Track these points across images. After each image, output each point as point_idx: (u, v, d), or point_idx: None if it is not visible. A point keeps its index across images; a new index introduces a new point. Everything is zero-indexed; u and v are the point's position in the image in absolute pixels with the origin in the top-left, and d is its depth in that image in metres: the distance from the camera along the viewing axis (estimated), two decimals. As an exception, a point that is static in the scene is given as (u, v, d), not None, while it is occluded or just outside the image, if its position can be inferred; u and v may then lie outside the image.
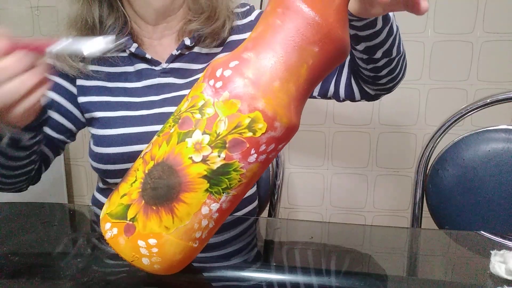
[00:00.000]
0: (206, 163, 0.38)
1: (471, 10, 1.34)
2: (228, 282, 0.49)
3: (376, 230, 0.69)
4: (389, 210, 1.55)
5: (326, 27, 0.38)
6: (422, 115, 1.44)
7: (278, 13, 0.39)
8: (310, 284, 0.47)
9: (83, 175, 1.72)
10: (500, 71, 1.37)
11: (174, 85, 0.74)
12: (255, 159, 0.39)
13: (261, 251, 0.57)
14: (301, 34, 0.38)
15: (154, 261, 0.41)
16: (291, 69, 0.39)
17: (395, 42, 0.64)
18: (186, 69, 0.75)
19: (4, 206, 0.70)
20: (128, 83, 0.74)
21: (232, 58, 0.40)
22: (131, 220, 0.40)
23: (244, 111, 0.37)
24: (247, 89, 0.37)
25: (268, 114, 0.38)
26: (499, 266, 0.47)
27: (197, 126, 0.38)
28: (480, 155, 0.87)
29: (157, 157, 0.40)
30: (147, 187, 0.40)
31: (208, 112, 0.38)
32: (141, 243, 0.40)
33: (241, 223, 0.65)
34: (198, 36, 0.73)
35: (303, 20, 0.38)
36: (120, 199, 0.41)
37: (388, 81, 0.70)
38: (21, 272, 0.48)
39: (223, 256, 0.54)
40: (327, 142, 1.50)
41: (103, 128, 0.71)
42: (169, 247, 0.40)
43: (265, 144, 0.39)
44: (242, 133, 0.38)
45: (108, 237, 0.41)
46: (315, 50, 0.39)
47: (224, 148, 0.38)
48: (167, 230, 0.39)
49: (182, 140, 0.39)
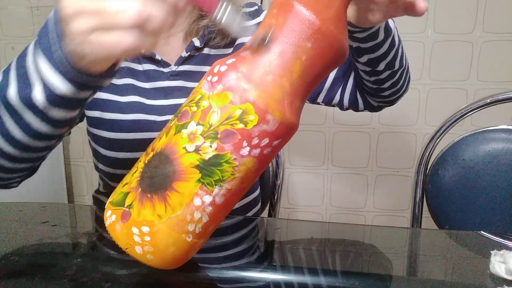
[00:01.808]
0: (199, 153, 0.39)
1: (471, 10, 1.34)
2: (228, 282, 0.49)
3: (376, 230, 0.69)
4: (389, 210, 1.55)
5: (318, 22, 0.40)
6: (422, 115, 1.44)
7: (274, 13, 0.41)
8: (310, 284, 0.47)
9: (83, 175, 1.72)
10: (500, 71, 1.37)
11: (183, 89, 0.72)
12: (248, 152, 0.40)
13: (261, 251, 0.57)
14: (293, 29, 0.40)
15: (146, 250, 0.41)
16: (284, 64, 0.40)
17: (398, 54, 0.64)
18: (196, 72, 0.73)
19: (4, 206, 0.70)
20: (136, 81, 0.71)
21: (231, 57, 0.42)
22: (127, 207, 0.41)
23: (236, 103, 0.38)
24: (239, 82, 0.39)
25: (259, 106, 0.38)
26: (499, 266, 0.47)
27: (193, 117, 0.40)
28: (480, 155, 0.87)
29: (157, 148, 0.42)
30: (145, 175, 0.41)
31: (203, 104, 0.40)
32: (135, 230, 0.40)
33: (244, 224, 0.65)
34: (207, 36, 0.72)
35: (295, 16, 0.40)
36: (122, 188, 0.43)
37: (391, 93, 0.71)
38: (21, 272, 0.48)
39: (225, 258, 0.54)
40: (327, 142, 1.50)
41: (114, 132, 0.70)
42: (161, 237, 0.41)
43: (258, 137, 0.39)
44: (234, 124, 0.39)
45: (107, 223, 0.42)
46: (308, 45, 0.40)
47: (216, 138, 0.39)
48: (160, 218, 0.40)
49: (178, 131, 0.40)
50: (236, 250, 0.55)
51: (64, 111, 0.46)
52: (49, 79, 0.43)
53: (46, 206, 0.73)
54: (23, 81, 0.45)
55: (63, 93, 0.43)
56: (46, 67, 0.43)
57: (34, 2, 1.57)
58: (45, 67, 0.43)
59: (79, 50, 0.38)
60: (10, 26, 1.61)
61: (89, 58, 0.39)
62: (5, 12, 1.60)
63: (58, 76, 0.42)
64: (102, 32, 0.36)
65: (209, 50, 0.74)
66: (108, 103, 0.70)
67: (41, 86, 0.44)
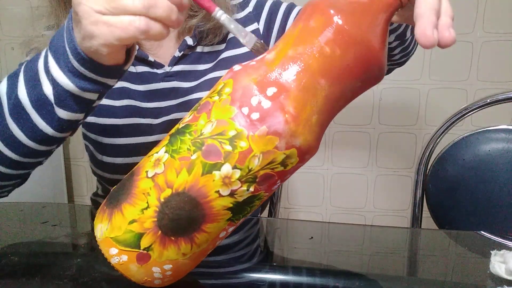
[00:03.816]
0: (234, 196, 0.36)
1: (471, 10, 1.34)
2: (228, 282, 0.49)
3: (376, 230, 0.69)
4: (389, 210, 1.55)
5: (373, 60, 0.36)
6: (422, 115, 1.44)
7: (328, 38, 0.35)
8: (310, 284, 0.47)
9: (83, 175, 1.72)
10: (500, 71, 1.37)
11: (179, 89, 0.70)
12: (277, 186, 0.39)
13: (261, 251, 0.57)
14: (350, 68, 0.35)
15: (166, 281, 0.41)
16: (330, 103, 0.37)
17: (409, 25, 0.63)
18: (190, 71, 0.71)
19: (4, 206, 0.70)
20: (130, 84, 0.70)
21: (268, 83, 0.35)
22: (145, 249, 0.38)
23: (281, 148, 0.35)
24: (287, 126, 0.35)
25: (303, 150, 0.36)
26: (499, 266, 0.47)
27: (227, 159, 0.35)
28: (480, 155, 0.87)
29: (176, 185, 0.36)
30: (164, 217, 0.37)
31: (241, 145, 0.35)
32: (155, 269, 0.39)
33: (244, 225, 0.65)
34: (199, 34, 0.71)
35: (354, 53, 0.35)
36: (129, 225, 0.38)
37: (401, 57, 0.70)
38: (21, 272, 0.48)
39: (225, 261, 0.54)
40: (327, 142, 1.50)
41: (110, 137, 0.69)
42: (183, 269, 0.40)
43: (290, 173, 0.38)
44: (274, 169, 0.36)
45: (115, 262, 0.39)
46: (358, 85, 0.37)
47: (254, 182, 0.36)
48: (184, 256, 0.39)
49: (208, 172, 0.35)
50: (236, 252, 0.55)
51: (70, 112, 0.47)
52: (57, 75, 0.44)
53: (46, 206, 0.73)
54: (33, 81, 0.47)
55: (69, 89, 0.44)
56: (55, 64, 0.44)
57: (34, 2, 1.56)
58: (53, 64, 0.44)
59: (89, 31, 0.39)
60: (10, 26, 1.61)
61: (99, 41, 0.39)
62: (5, 12, 1.60)
63: (64, 71, 0.44)
64: (111, 15, 0.38)
65: (202, 48, 0.72)
66: (102, 108, 0.68)
67: (51, 83, 0.45)
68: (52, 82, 0.45)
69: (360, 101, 1.35)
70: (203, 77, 0.71)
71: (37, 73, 0.46)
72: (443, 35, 0.35)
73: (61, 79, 0.44)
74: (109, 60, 0.43)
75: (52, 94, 0.46)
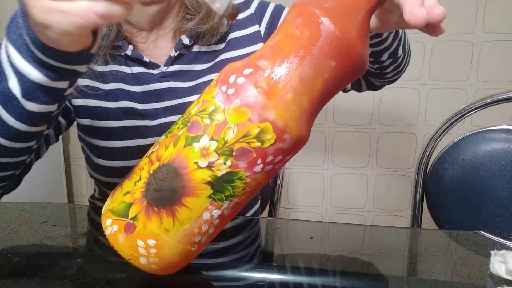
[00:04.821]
0: (211, 169, 0.38)
1: (471, 10, 1.34)
2: (228, 282, 0.49)
3: (376, 230, 0.69)
4: (389, 210, 1.55)
5: (346, 42, 0.37)
6: (422, 115, 1.44)
7: (298, 23, 0.39)
8: (310, 284, 0.47)
9: (83, 175, 1.72)
10: (500, 71, 1.37)
11: (176, 90, 0.69)
12: (261, 169, 0.39)
13: (261, 251, 0.57)
14: (320, 47, 0.37)
15: (151, 261, 0.41)
16: (305, 82, 0.38)
17: (401, 42, 0.65)
18: (187, 71, 0.70)
19: (4, 206, 0.70)
20: (126, 86, 0.68)
21: (247, 65, 0.39)
22: (132, 219, 0.40)
23: (254, 121, 0.37)
24: (259, 99, 0.37)
25: (278, 125, 0.37)
26: (499, 266, 0.47)
27: (206, 131, 0.38)
28: (480, 155, 0.87)
29: (163, 158, 0.39)
30: (151, 187, 0.39)
31: (218, 118, 0.37)
32: (140, 242, 0.40)
33: (243, 226, 0.65)
34: (196, 34, 0.69)
35: (323, 33, 0.37)
36: (123, 197, 0.41)
37: (393, 74, 0.73)
38: (21, 272, 0.48)
39: (226, 263, 0.54)
40: (327, 142, 1.50)
41: (106, 140, 0.67)
42: (168, 249, 0.40)
43: (272, 155, 0.38)
44: (250, 143, 0.37)
45: (108, 233, 0.41)
46: (332, 64, 0.38)
47: (230, 156, 0.37)
48: (167, 232, 0.39)
49: (189, 144, 0.38)
50: (237, 253, 0.55)
51: (41, 104, 0.44)
52: (22, 67, 0.41)
53: (46, 206, 0.73)
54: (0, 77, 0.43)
55: (37, 80, 0.41)
56: (17, 54, 0.41)
57: (34, 2, 1.57)
58: (16, 55, 0.41)
59: (42, 21, 0.35)
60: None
61: (55, 31, 0.35)
62: (5, 12, 1.60)
63: (29, 62, 0.41)
64: (65, 0, 0.33)
65: (199, 47, 0.71)
66: (98, 110, 0.67)
67: (16, 76, 0.42)
68: (16, 74, 0.42)
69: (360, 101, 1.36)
70: (200, 78, 0.70)
71: (1, 65, 0.43)
72: (432, 12, 0.34)
73: (26, 70, 0.41)
74: (73, 47, 0.39)
75: (17, 87, 0.42)
